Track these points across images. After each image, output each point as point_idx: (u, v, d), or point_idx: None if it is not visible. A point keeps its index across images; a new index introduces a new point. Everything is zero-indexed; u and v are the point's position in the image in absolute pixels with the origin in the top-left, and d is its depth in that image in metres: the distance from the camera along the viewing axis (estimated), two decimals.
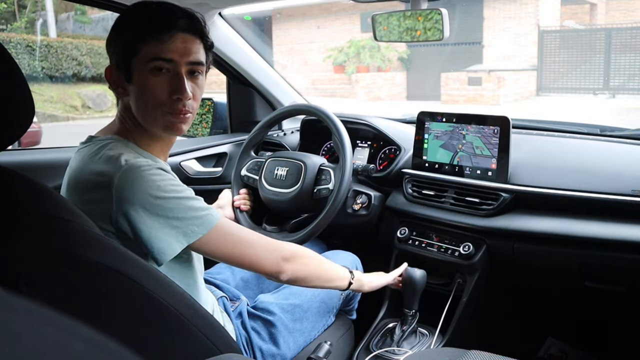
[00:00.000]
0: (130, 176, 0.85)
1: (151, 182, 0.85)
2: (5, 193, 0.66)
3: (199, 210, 0.88)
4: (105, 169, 0.87)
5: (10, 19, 11.37)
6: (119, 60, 0.93)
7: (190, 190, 0.91)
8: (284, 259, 0.98)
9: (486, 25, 11.68)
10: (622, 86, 10.29)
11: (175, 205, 0.86)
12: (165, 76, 0.92)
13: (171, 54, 0.91)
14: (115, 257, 0.70)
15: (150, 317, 0.74)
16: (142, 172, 0.85)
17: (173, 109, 0.93)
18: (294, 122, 1.98)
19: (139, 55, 0.91)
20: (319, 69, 13.36)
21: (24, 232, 0.63)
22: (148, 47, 0.90)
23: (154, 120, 0.95)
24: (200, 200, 0.91)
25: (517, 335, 1.62)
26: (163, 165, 0.92)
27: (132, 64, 0.92)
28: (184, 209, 0.87)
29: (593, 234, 1.19)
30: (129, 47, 0.91)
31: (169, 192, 0.86)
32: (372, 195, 1.51)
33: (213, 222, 0.89)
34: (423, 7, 1.25)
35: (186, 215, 0.86)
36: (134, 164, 0.86)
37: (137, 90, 0.93)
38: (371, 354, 1.28)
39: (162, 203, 0.85)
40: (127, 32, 0.93)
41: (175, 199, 0.86)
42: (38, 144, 5.18)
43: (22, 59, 9.34)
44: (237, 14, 1.91)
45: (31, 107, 0.67)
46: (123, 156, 0.88)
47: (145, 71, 0.91)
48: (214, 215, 0.90)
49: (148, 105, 0.93)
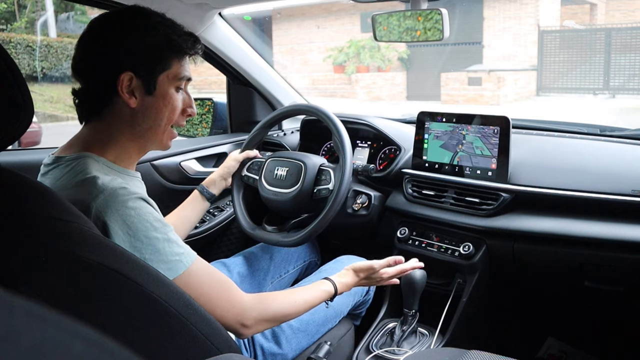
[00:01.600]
0: (108, 204, 0.81)
1: (126, 216, 0.81)
2: (5, 193, 0.66)
3: (169, 255, 0.84)
4: (82, 197, 0.82)
5: (10, 19, 11.37)
6: (143, 70, 0.90)
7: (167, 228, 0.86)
8: (242, 325, 0.92)
9: (486, 25, 11.68)
10: (622, 86, 10.29)
11: (144, 245, 0.82)
12: (181, 94, 0.97)
13: (190, 73, 0.97)
14: (114, 257, 0.70)
15: (150, 317, 0.74)
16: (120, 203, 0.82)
17: (179, 124, 0.99)
18: (294, 122, 1.98)
19: (169, 70, 0.93)
20: (319, 69, 13.36)
21: (23, 232, 0.63)
22: (179, 65, 0.94)
23: (158, 135, 0.96)
24: (174, 242, 0.86)
25: (517, 335, 1.62)
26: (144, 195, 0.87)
27: (158, 76, 0.92)
28: (153, 251, 0.82)
29: (593, 234, 1.19)
30: (161, 62, 0.92)
31: (141, 231, 0.82)
32: (372, 195, 1.51)
33: (180, 270, 0.84)
34: (423, 7, 1.25)
35: (154, 258, 0.82)
36: (112, 193, 0.82)
37: (157, 104, 0.93)
38: (371, 354, 1.28)
39: (132, 241, 0.81)
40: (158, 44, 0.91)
41: (146, 238, 0.82)
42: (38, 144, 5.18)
43: (22, 59, 9.34)
44: (237, 14, 1.91)
45: (31, 107, 0.67)
46: (99, 180, 0.83)
47: (171, 87, 0.94)
48: (183, 261, 0.85)
49: (164, 119, 0.95)
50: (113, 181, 0.84)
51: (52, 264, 0.63)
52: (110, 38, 0.90)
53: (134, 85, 0.90)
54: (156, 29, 0.91)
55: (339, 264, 1.38)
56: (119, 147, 0.94)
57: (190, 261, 0.87)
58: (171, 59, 0.93)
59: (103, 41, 0.90)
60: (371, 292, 1.40)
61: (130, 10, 0.94)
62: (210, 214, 1.74)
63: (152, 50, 0.91)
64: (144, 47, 0.90)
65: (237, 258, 1.45)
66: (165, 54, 0.92)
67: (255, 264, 1.45)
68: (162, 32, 0.92)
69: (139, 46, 0.90)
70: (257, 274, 1.43)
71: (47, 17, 11.03)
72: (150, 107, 0.93)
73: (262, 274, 1.43)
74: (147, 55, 0.91)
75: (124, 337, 0.67)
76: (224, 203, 1.78)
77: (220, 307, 0.89)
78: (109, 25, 0.91)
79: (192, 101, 1.00)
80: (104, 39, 0.90)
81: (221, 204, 1.78)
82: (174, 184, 1.70)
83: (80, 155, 0.89)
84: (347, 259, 1.41)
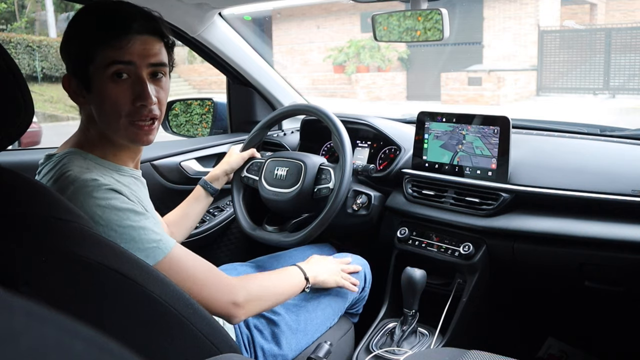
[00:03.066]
0: (77, 197, 0.80)
1: (95, 206, 0.80)
2: (5, 193, 0.66)
3: (145, 242, 0.82)
4: (57, 189, 0.81)
5: (10, 19, 11.38)
6: (75, 68, 0.87)
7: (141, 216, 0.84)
8: (234, 304, 0.91)
9: (486, 25, 11.68)
10: (622, 86, 10.30)
11: (118, 235, 0.80)
12: (126, 82, 0.86)
13: (129, 56, 0.85)
14: (114, 257, 0.70)
15: (150, 317, 0.74)
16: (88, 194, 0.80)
17: (137, 117, 0.88)
18: (294, 122, 1.98)
19: (95, 61, 0.85)
20: (319, 69, 13.36)
21: (23, 232, 0.63)
22: (104, 52, 0.84)
23: (118, 131, 0.89)
24: (149, 229, 0.84)
25: (517, 335, 1.62)
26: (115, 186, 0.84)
27: (89, 71, 0.86)
28: (128, 239, 0.81)
29: (593, 234, 1.19)
30: (84, 54, 0.85)
31: (113, 221, 0.80)
32: (372, 195, 1.51)
33: (159, 257, 0.83)
34: (423, 7, 1.25)
35: (130, 247, 0.80)
36: (81, 185, 0.80)
37: (98, 99, 0.87)
38: (371, 354, 1.28)
39: (106, 231, 0.80)
40: (80, 38, 0.86)
41: (119, 227, 0.80)
42: (38, 144, 5.19)
43: (22, 59, 9.34)
44: (237, 14, 1.91)
45: (31, 107, 0.67)
46: (70, 173, 0.82)
47: (104, 78, 0.85)
48: (161, 247, 0.84)
49: (110, 115, 0.88)
50: (85, 174, 0.83)
51: (52, 264, 0.63)
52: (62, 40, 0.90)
53: (75, 86, 0.89)
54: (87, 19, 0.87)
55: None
56: (102, 143, 0.92)
57: (169, 247, 0.85)
58: (92, 49, 0.84)
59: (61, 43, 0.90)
60: (367, 289, 1.40)
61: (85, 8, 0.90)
62: (210, 214, 1.74)
63: (75, 44, 0.87)
64: (72, 44, 0.87)
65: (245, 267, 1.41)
66: (85, 45, 0.85)
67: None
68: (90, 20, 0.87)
69: (70, 42, 0.88)
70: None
71: (47, 17, 11.04)
72: (95, 104, 0.88)
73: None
74: (72, 51, 0.87)
75: (123, 337, 0.67)
76: (224, 203, 1.78)
77: (209, 288, 0.88)
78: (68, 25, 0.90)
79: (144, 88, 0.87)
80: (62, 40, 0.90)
81: (221, 204, 1.78)
82: (174, 184, 1.70)
83: (68, 152, 0.89)
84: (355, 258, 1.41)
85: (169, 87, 0.94)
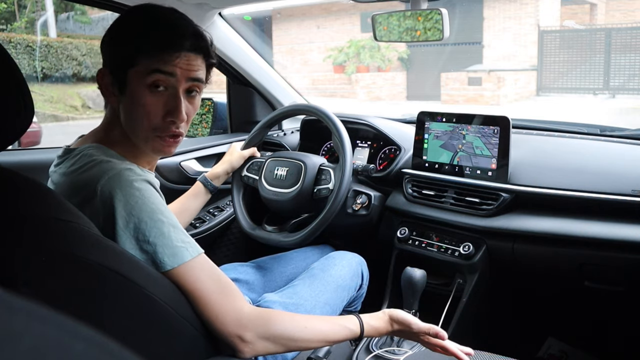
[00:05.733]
0: (112, 185, 0.78)
1: (130, 196, 0.78)
2: (5, 193, 0.66)
3: (174, 240, 0.79)
4: (88, 180, 0.80)
5: (10, 19, 11.37)
6: (114, 68, 0.87)
7: (172, 215, 0.82)
8: (241, 339, 0.81)
9: (486, 25, 11.68)
10: (622, 86, 10.29)
11: (148, 227, 0.78)
12: (162, 95, 0.86)
13: (173, 68, 0.84)
14: (114, 258, 0.70)
15: (150, 318, 0.74)
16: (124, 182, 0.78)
17: (164, 132, 0.88)
18: (294, 122, 1.98)
19: (136, 66, 0.84)
20: (319, 69, 13.36)
21: (23, 232, 0.63)
22: (148, 60, 0.84)
23: (142, 139, 0.89)
24: (180, 230, 0.82)
25: (517, 335, 1.62)
26: (150, 178, 0.84)
27: (127, 73, 0.85)
28: (158, 234, 0.78)
29: (593, 234, 1.19)
30: (127, 57, 0.84)
31: (145, 212, 0.78)
32: (372, 195, 1.51)
33: (184, 258, 0.79)
34: (423, 7, 1.25)
35: (158, 242, 0.78)
36: (117, 173, 0.79)
37: (129, 103, 0.86)
38: (371, 354, 1.28)
39: (137, 222, 0.78)
40: (127, 42, 0.85)
41: (151, 220, 0.78)
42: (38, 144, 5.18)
43: (22, 59, 9.34)
44: (237, 14, 1.91)
45: (31, 107, 0.67)
46: (105, 163, 0.81)
47: (141, 85, 0.84)
48: (189, 250, 0.80)
49: (138, 123, 0.87)
50: (119, 164, 0.82)
51: (52, 264, 0.63)
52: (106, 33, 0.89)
53: (109, 83, 0.88)
54: (135, 21, 0.87)
55: (331, 260, 1.37)
56: (123, 143, 0.91)
57: (196, 253, 0.82)
58: (137, 56, 0.84)
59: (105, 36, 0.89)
60: (364, 286, 1.39)
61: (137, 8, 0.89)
62: (210, 214, 1.74)
63: (120, 46, 0.86)
64: (116, 41, 0.87)
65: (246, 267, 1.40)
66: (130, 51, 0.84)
67: (269, 274, 1.39)
68: (139, 24, 0.86)
69: (113, 40, 0.88)
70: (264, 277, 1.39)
71: (47, 17, 11.04)
72: (126, 107, 0.87)
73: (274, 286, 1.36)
74: (116, 51, 0.87)
75: (123, 337, 0.67)
76: (224, 203, 1.78)
77: (217, 309, 0.81)
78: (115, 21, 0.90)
79: (179, 105, 0.86)
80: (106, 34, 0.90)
81: (221, 204, 1.78)
82: (174, 184, 1.70)
83: (90, 146, 0.88)
84: (339, 255, 1.37)
85: (199, 105, 0.94)
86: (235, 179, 1.51)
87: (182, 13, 0.90)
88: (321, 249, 1.54)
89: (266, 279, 1.38)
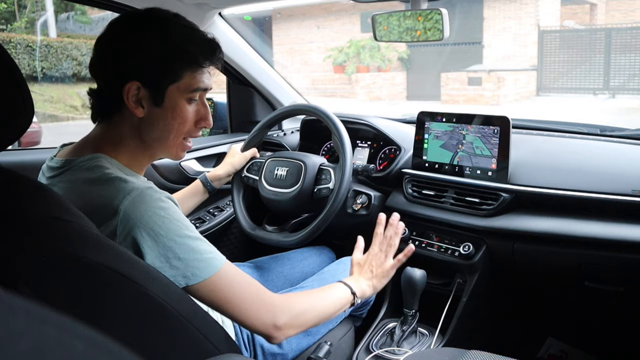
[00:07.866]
0: (137, 206, 0.78)
1: (157, 216, 0.79)
2: (5, 193, 0.66)
3: (203, 253, 0.81)
4: (108, 197, 0.79)
5: (10, 19, 11.37)
6: (151, 81, 0.86)
7: (192, 226, 0.84)
8: (275, 326, 0.87)
9: (486, 25, 11.68)
10: (622, 86, 10.30)
11: (177, 245, 0.79)
12: (196, 105, 0.93)
13: (206, 84, 0.92)
14: (114, 257, 0.70)
15: (150, 317, 0.74)
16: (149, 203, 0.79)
17: (191, 135, 0.95)
18: (294, 122, 1.98)
19: (179, 82, 0.87)
20: (319, 69, 13.36)
21: (23, 232, 0.63)
22: (192, 76, 0.88)
23: (170, 146, 0.93)
24: (205, 241, 0.84)
25: (517, 335, 1.62)
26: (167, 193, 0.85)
27: (166, 88, 0.87)
28: (188, 250, 0.80)
29: (593, 234, 1.19)
30: (171, 72, 0.87)
31: (172, 230, 0.79)
32: (372, 195, 1.51)
33: (215, 268, 0.82)
34: (423, 7, 1.25)
35: (189, 257, 0.80)
36: (140, 194, 0.80)
37: (167, 115, 0.89)
38: (371, 354, 1.28)
39: (165, 241, 0.78)
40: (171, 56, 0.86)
41: (179, 237, 0.79)
42: (38, 144, 5.18)
43: (22, 59, 9.34)
44: (237, 14, 1.91)
45: (31, 107, 0.67)
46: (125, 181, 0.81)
47: (182, 99, 0.89)
48: (217, 258, 0.83)
49: (174, 131, 0.91)
50: (139, 182, 0.83)
51: (52, 264, 0.63)
52: (122, 44, 0.86)
53: (142, 95, 0.87)
54: (169, 36, 0.86)
55: (342, 266, 1.37)
56: (130, 152, 0.91)
57: (223, 260, 0.85)
58: (182, 70, 0.87)
59: (115, 46, 0.87)
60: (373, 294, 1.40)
61: (147, 15, 0.88)
62: (210, 214, 1.74)
63: (161, 61, 0.86)
64: (153, 57, 0.86)
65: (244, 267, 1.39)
66: (175, 65, 0.87)
67: (267, 274, 1.39)
68: (175, 40, 0.86)
69: (148, 55, 0.86)
70: (263, 275, 1.39)
71: (47, 17, 11.03)
72: (158, 119, 0.89)
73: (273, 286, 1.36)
74: (156, 66, 0.86)
75: (124, 337, 0.67)
76: (224, 203, 1.78)
77: (254, 307, 0.85)
78: (124, 30, 0.88)
79: (208, 112, 0.95)
80: (116, 44, 0.87)
81: (221, 204, 1.78)
82: (174, 184, 1.70)
83: (94, 156, 0.87)
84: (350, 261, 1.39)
85: None
86: (235, 179, 1.51)
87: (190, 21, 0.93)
88: (320, 250, 1.54)
89: (264, 279, 1.38)
